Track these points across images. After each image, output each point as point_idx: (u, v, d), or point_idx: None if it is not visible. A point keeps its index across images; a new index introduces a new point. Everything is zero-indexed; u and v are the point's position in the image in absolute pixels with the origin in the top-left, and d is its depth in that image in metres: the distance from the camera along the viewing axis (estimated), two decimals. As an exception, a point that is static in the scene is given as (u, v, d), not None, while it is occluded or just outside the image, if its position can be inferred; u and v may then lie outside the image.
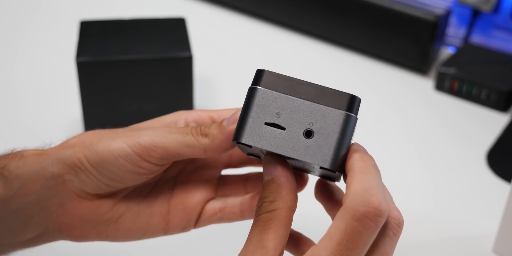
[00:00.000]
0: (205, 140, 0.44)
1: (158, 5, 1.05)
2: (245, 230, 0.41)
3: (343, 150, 0.39)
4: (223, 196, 0.50)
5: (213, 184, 0.50)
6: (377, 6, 0.89)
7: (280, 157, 0.40)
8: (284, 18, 0.99)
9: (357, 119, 0.39)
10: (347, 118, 0.39)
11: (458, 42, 0.94)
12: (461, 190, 0.72)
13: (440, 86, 0.87)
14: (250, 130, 0.39)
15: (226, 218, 0.49)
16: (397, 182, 0.70)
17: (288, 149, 0.39)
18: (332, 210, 0.44)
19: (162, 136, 0.44)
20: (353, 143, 0.40)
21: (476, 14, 0.91)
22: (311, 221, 0.53)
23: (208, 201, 0.50)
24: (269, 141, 0.39)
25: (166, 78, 0.72)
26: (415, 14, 0.87)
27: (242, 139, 0.39)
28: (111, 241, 0.48)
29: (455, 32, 0.94)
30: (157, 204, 0.49)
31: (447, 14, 0.89)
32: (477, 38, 0.93)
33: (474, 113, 0.84)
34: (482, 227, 0.66)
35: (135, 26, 0.76)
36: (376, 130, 0.81)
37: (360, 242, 0.36)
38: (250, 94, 0.40)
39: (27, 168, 0.45)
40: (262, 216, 0.39)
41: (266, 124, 0.39)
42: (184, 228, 0.49)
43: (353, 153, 0.39)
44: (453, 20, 0.93)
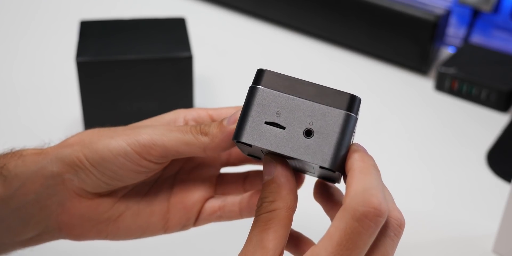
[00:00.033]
0: (204, 138, 0.44)
1: (158, 5, 1.05)
2: (244, 229, 0.41)
3: (343, 150, 0.38)
4: (222, 194, 0.50)
5: (212, 182, 0.50)
6: (377, 6, 0.89)
7: (280, 157, 0.40)
8: (284, 18, 0.99)
9: (357, 119, 0.39)
10: (347, 118, 0.39)
11: (458, 42, 0.94)
12: (461, 190, 0.72)
13: (440, 86, 0.87)
14: (250, 129, 0.39)
15: (225, 216, 0.49)
16: (397, 182, 0.70)
17: (288, 148, 0.39)
18: (331, 211, 0.44)
19: (162, 134, 0.44)
20: (353, 143, 0.40)
21: (476, 14, 0.91)
22: (311, 221, 0.53)
23: (207, 199, 0.50)
24: (269, 140, 0.39)
25: (166, 78, 0.72)
26: (415, 14, 0.87)
27: (242, 138, 0.39)
28: (111, 239, 0.48)
29: (455, 32, 0.94)
30: (156, 202, 0.49)
31: (447, 14, 0.89)
32: (477, 38, 0.93)
33: (474, 113, 0.84)
34: (482, 227, 0.66)
35: (135, 26, 0.76)
36: (376, 130, 0.80)
37: (360, 242, 0.36)
38: (251, 93, 0.40)
39: (27, 167, 0.45)
40: (262, 216, 0.39)
41: (266, 123, 0.39)
42: (183, 226, 0.49)
43: (353, 153, 0.39)
44: (453, 20, 0.93)
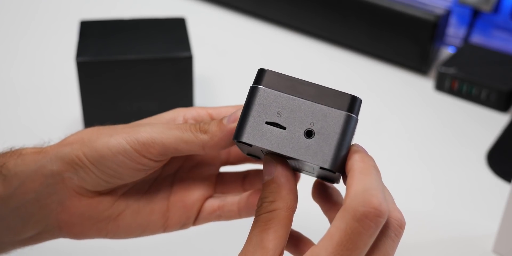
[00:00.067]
0: (203, 136, 0.44)
1: (158, 5, 1.05)
2: (244, 229, 0.41)
3: (344, 151, 0.38)
4: (222, 193, 0.51)
5: (211, 181, 0.50)
6: (377, 6, 0.89)
7: (280, 157, 0.40)
8: (284, 18, 0.99)
9: (357, 120, 0.39)
10: (348, 119, 0.39)
11: (458, 42, 0.94)
12: (461, 190, 0.72)
13: (440, 86, 0.87)
14: (250, 129, 0.39)
15: (225, 216, 0.49)
16: (397, 182, 0.70)
17: (288, 148, 0.39)
18: (329, 211, 0.44)
19: (161, 132, 0.44)
20: (353, 144, 0.40)
21: (476, 14, 0.91)
22: (311, 221, 0.53)
23: (207, 198, 0.50)
24: (269, 140, 0.39)
25: (166, 78, 0.72)
26: (415, 14, 0.87)
27: (243, 138, 0.39)
28: (111, 238, 0.48)
29: (455, 32, 0.94)
30: (156, 201, 0.49)
31: (447, 14, 0.89)
32: (477, 38, 0.93)
33: (474, 113, 0.84)
34: (482, 227, 0.66)
35: (135, 26, 0.76)
36: (376, 130, 0.80)
37: (360, 243, 0.36)
38: (252, 93, 0.40)
39: (26, 166, 0.45)
40: (262, 216, 0.39)
41: (267, 123, 0.39)
42: (183, 225, 0.49)
43: (353, 153, 0.39)
44: (453, 20, 0.93)
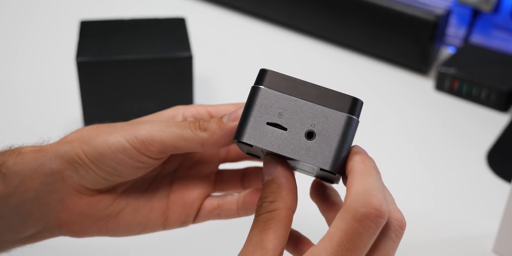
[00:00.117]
0: (203, 134, 0.44)
1: (158, 5, 1.05)
2: (244, 228, 0.41)
3: (344, 152, 0.39)
4: (221, 191, 0.51)
5: (211, 179, 0.50)
6: (377, 6, 0.89)
7: (280, 157, 0.40)
8: (284, 18, 0.99)
9: (358, 122, 0.39)
10: (349, 121, 0.39)
11: (458, 42, 0.94)
12: (461, 190, 0.72)
13: (440, 86, 0.87)
14: (251, 129, 0.39)
15: (224, 214, 0.50)
16: (397, 182, 0.70)
17: (289, 149, 0.39)
18: (326, 211, 0.44)
19: (160, 130, 0.44)
20: (353, 145, 0.40)
21: (476, 14, 0.91)
22: (311, 221, 0.53)
23: (206, 196, 0.50)
24: (270, 141, 0.39)
25: (166, 78, 0.72)
26: (415, 14, 0.87)
27: (244, 138, 0.39)
28: (111, 236, 0.49)
29: (455, 32, 0.94)
30: (156, 199, 0.49)
31: (447, 14, 0.89)
32: (477, 38, 0.93)
33: (474, 113, 0.84)
34: (482, 227, 0.66)
35: (135, 26, 0.76)
36: (376, 130, 0.81)
37: (360, 243, 0.36)
38: (253, 93, 0.40)
39: (26, 165, 0.45)
40: (262, 216, 0.39)
41: (268, 124, 0.39)
42: (183, 223, 0.49)
43: (353, 155, 0.39)
44: (453, 20, 0.93)
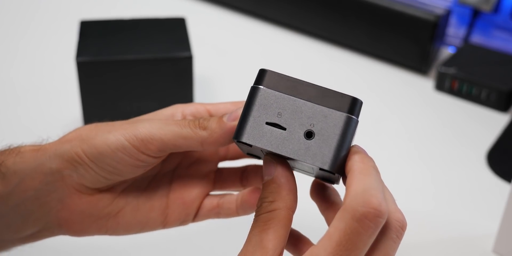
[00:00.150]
0: (202, 132, 0.44)
1: (158, 5, 1.05)
2: (244, 227, 0.41)
3: (343, 152, 0.38)
4: (221, 189, 0.51)
5: (210, 177, 0.50)
6: (377, 6, 0.89)
7: (280, 157, 0.40)
8: (284, 18, 0.99)
9: (358, 122, 0.39)
10: (348, 120, 0.39)
11: (458, 42, 0.94)
12: (461, 190, 0.72)
13: (440, 86, 0.87)
14: (251, 129, 0.39)
15: (223, 213, 0.50)
16: (397, 182, 0.70)
17: (288, 149, 0.39)
18: (326, 210, 0.44)
19: (159, 128, 0.44)
20: (353, 145, 0.40)
21: (476, 14, 0.91)
22: (311, 220, 0.53)
23: (206, 195, 0.50)
24: (269, 141, 0.39)
25: (166, 78, 0.72)
26: (415, 14, 0.87)
27: (243, 138, 0.39)
28: (111, 235, 0.49)
29: (455, 32, 0.94)
30: (155, 198, 0.49)
31: (447, 14, 0.89)
32: (477, 38, 0.93)
33: (474, 113, 0.84)
34: (482, 227, 0.66)
35: (135, 26, 0.76)
36: (376, 130, 0.80)
37: (359, 243, 0.36)
38: (252, 93, 0.40)
39: (25, 164, 0.45)
40: (261, 216, 0.39)
41: (267, 123, 0.39)
42: (182, 221, 0.49)
43: (353, 154, 0.39)
44: (453, 20, 0.93)
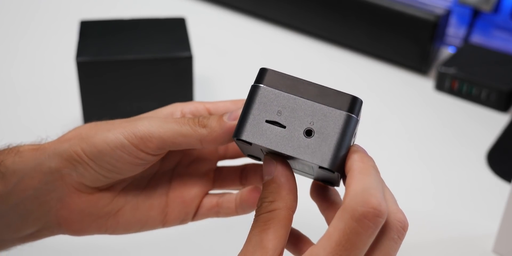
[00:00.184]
0: (202, 130, 0.44)
1: (158, 5, 1.05)
2: (244, 227, 0.41)
3: (343, 151, 0.38)
4: (220, 187, 0.51)
5: (209, 176, 0.50)
6: (377, 6, 0.89)
7: (280, 156, 0.40)
8: (284, 18, 0.99)
9: (358, 121, 0.39)
10: (348, 119, 0.39)
11: (458, 42, 0.94)
12: (461, 190, 0.72)
13: (440, 86, 0.87)
14: (250, 127, 0.39)
15: (223, 212, 0.50)
16: (397, 182, 0.70)
17: (287, 147, 0.39)
18: (326, 210, 0.44)
19: (158, 126, 0.44)
20: (353, 145, 0.40)
21: (476, 14, 0.91)
22: (312, 220, 0.53)
23: (205, 193, 0.50)
24: (269, 138, 0.39)
25: (166, 78, 0.72)
26: (415, 14, 0.87)
27: (242, 136, 0.39)
28: (110, 234, 0.49)
29: (455, 32, 0.94)
30: (155, 196, 0.49)
31: (447, 14, 0.89)
32: (477, 38, 0.93)
33: (474, 113, 0.84)
34: (482, 227, 0.66)
35: (135, 26, 0.76)
36: (376, 130, 0.80)
37: (359, 243, 0.36)
38: (253, 92, 0.40)
39: (24, 163, 0.45)
40: (261, 216, 0.39)
41: (267, 121, 0.39)
42: (182, 220, 0.49)
43: (352, 153, 0.39)
44: (453, 20, 0.93)
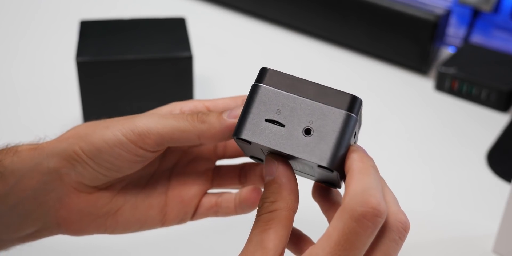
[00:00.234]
0: (201, 125, 0.44)
1: (158, 5, 1.05)
2: (244, 226, 0.41)
3: (342, 150, 0.38)
4: (219, 186, 0.51)
5: (208, 175, 0.50)
6: (377, 6, 0.89)
7: (280, 156, 0.40)
8: (284, 18, 0.99)
9: (357, 120, 0.39)
10: (347, 118, 0.39)
11: (458, 42, 0.94)
12: (461, 190, 0.72)
13: (440, 86, 0.87)
14: (250, 126, 0.39)
15: (222, 212, 0.50)
16: (397, 182, 0.70)
17: (286, 146, 0.39)
18: (328, 211, 0.44)
19: (156, 122, 0.44)
20: (353, 144, 0.40)
21: (476, 14, 0.91)
22: (312, 220, 0.53)
23: (204, 192, 0.50)
24: (268, 137, 0.39)
25: (166, 78, 0.72)
26: (415, 14, 0.87)
27: (242, 135, 0.39)
28: (110, 233, 0.49)
29: (455, 32, 0.94)
30: (154, 196, 0.49)
31: (447, 14, 0.89)
32: (477, 38, 0.93)
33: (474, 113, 0.84)
34: (482, 227, 0.66)
35: (135, 26, 0.76)
36: (376, 130, 0.80)
37: (358, 243, 0.36)
38: (253, 91, 0.40)
39: (23, 163, 0.45)
40: (262, 216, 0.39)
41: (266, 120, 0.39)
42: (181, 220, 0.49)
43: (352, 153, 0.39)
44: (453, 20, 0.93)
